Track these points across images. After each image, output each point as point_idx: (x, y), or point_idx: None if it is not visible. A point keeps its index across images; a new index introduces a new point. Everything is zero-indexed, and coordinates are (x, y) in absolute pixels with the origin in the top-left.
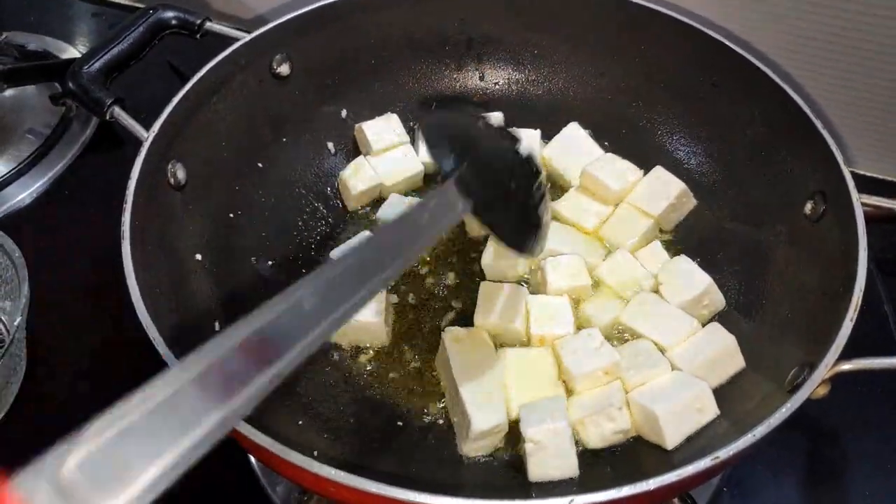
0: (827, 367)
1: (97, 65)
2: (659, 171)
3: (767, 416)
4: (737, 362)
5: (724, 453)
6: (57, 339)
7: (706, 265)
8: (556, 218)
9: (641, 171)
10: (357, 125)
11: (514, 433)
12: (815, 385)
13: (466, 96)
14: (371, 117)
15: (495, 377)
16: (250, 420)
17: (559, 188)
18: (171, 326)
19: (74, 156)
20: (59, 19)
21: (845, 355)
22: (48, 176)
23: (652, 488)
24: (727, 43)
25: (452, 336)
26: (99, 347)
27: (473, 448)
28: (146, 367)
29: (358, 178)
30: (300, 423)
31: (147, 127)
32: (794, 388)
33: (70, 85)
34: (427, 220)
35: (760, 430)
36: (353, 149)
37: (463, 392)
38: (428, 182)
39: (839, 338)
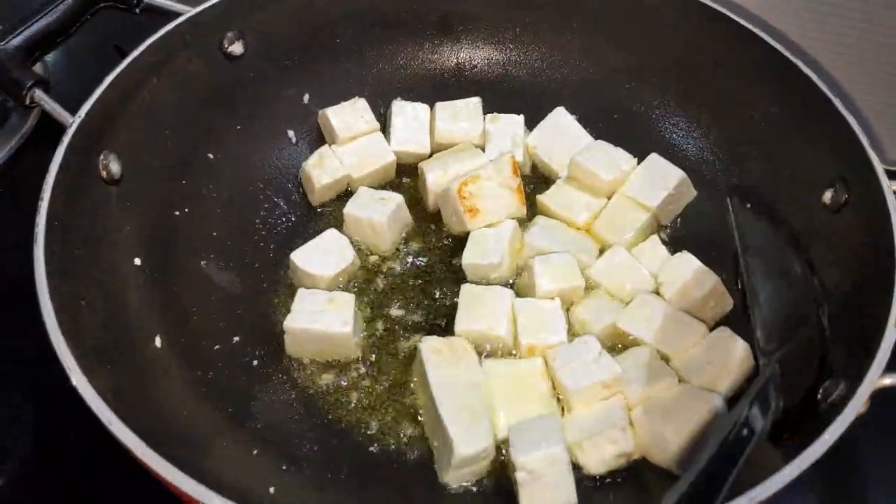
0: (872, 382)
1: (16, 41)
2: (655, 159)
3: (807, 441)
4: (751, 371)
5: (763, 492)
6: None
7: (711, 262)
8: (542, 212)
9: (636, 160)
10: (321, 111)
11: (501, 456)
12: (859, 404)
13: (442, 78)
14: (336, 102)
15: (480, 393)
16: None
17: (545, 179)
18: (99, 346)
19: (12, 150)
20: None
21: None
22: None
23: None
24: (730, 15)
25: (430, 347)
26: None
27: (456, 477)
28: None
29: (322, 169)
30: (255, 452)
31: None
32: (832, 406)
33: None
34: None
35: (802, 462)
36: (317, 137)
37: (443, 411)
38: (401, 174)
39: (882, 350)
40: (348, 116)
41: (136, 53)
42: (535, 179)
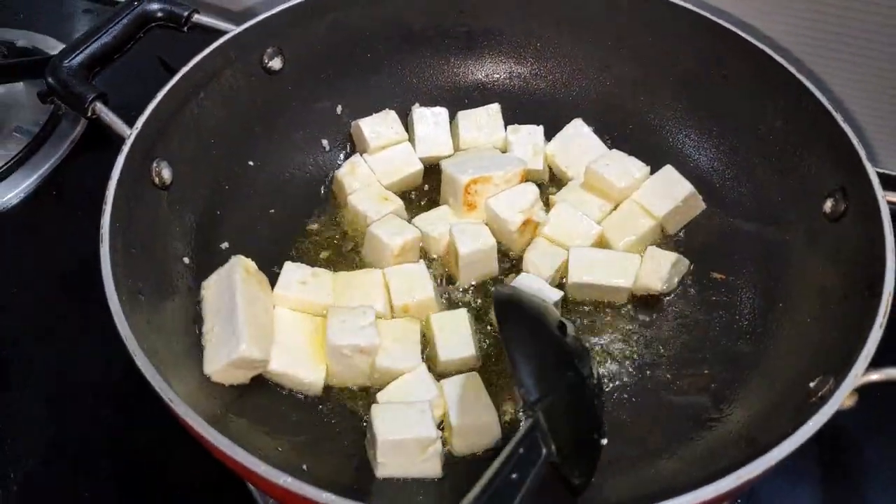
0: (857, 376)
1: (79, 58)
2: (669, 171)
3: (794, 430)
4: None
5: (749, 472)
6: (38, 344)
7: (717, 268)
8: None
9: (648, 168)
10: (354, 122)
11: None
12: (843, 396)
13: (466, 90)
14: (367, 113)
15: (271, 320)
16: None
17: (562, 186)
18: (155, 336)
19: (63, 155)
20: (51, 16)
21: (871, 364)
22: (35, 176)
23: None
24: (739, 33)
25: (244, 265)
26: (81, 356)
27: (224, 374)
28: (131, 374)
29: (354, 176)
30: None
31: (132, 124)
32: (821, 399)
33: (50, 79)
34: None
35: (788, 446)
36: (349, 146)
37: (240, 314)
38: (427, 180)
39: (868, 345)
40: (379, 127)
41: (185, 69)
42: (554, 187)
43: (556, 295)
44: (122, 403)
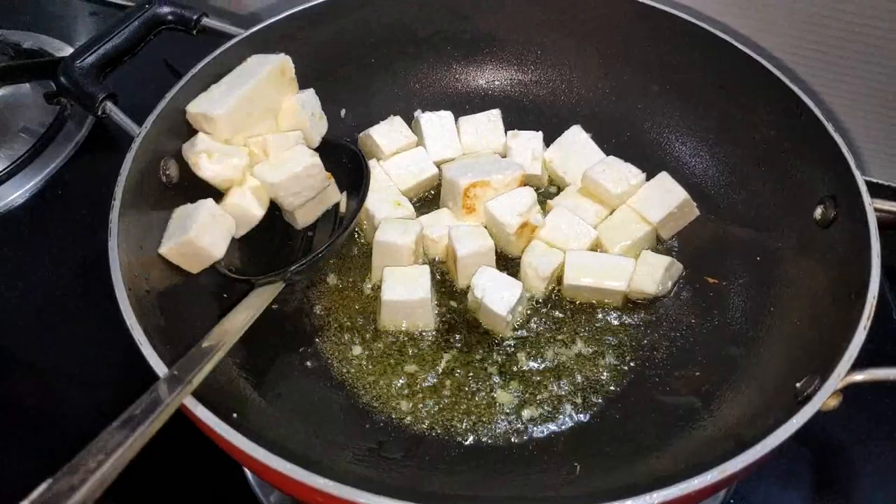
0: (839, 377)
1: (90, 59)
2: (664, 178)
3: (777, 427)
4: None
5: (733, 466)
6: (42, 343)
7: (710, 273)
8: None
9: (644, 175)
10: (363, 133)
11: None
12: (826, 395)
13: (468, 96)
14: (371, 117)
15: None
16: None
17: (560, 191)
18: (160, 329)
19: (69, 155)
20: (57, 18)
21: (857, 366)
22: (42, 175)
23: (656, 503)
24: (735, 44)
25: (282, 63)
26: (87, 351)
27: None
28: (134, 371)
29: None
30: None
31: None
32: (805, 399)
33: (61, 79)
34: None
35: (771, 442)
36: None
37: None
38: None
39: (852, 347)
40: (389, 133)
41: (195, 70)
42: (552, 191)
43: (518, 289)
44: (125, 402)
